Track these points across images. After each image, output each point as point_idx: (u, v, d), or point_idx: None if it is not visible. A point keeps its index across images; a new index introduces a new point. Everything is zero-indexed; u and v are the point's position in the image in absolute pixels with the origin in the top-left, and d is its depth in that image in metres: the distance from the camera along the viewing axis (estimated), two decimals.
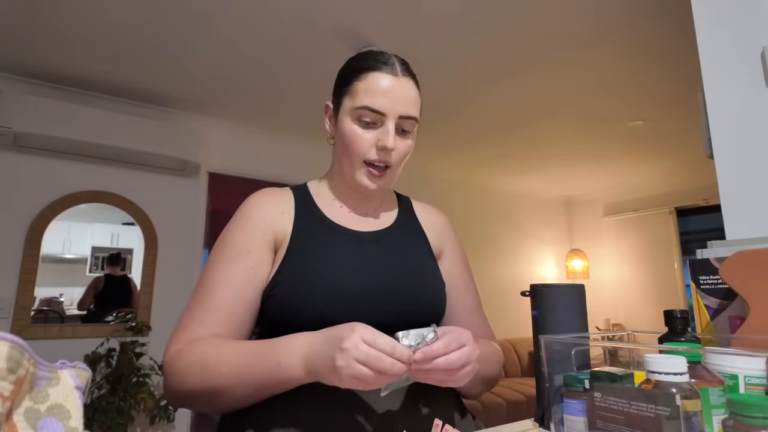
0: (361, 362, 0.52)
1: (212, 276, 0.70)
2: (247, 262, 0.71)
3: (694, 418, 0.44)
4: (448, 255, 0.87)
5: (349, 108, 0.74)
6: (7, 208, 2.41)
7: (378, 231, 0.80)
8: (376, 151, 0.73)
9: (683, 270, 4.29)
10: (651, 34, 2.09)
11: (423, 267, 0.80)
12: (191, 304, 0.70)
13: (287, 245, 0.73)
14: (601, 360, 0.69)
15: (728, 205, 0.90)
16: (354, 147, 0.73)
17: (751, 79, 0.90)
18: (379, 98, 0.72)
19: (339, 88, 0.78)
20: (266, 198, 0.77)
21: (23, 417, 0.32)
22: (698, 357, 0.53)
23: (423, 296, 0.75)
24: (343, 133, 0.75)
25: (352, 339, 0.53)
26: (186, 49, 2.21)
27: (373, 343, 0.53)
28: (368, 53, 0.78)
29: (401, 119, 0.73)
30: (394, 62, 0.75)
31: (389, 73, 0.73)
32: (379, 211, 0.84)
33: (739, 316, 0.71)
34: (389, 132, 0.72)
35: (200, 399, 0.64)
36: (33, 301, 2.43)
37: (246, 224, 0.74)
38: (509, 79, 2.54)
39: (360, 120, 0.73)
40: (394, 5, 1.89)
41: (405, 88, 0.74)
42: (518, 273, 4.79)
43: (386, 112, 0.72)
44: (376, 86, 0.72)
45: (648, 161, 4.01)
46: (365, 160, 0.74)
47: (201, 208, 3.02)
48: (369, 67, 0.74)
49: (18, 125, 2.29)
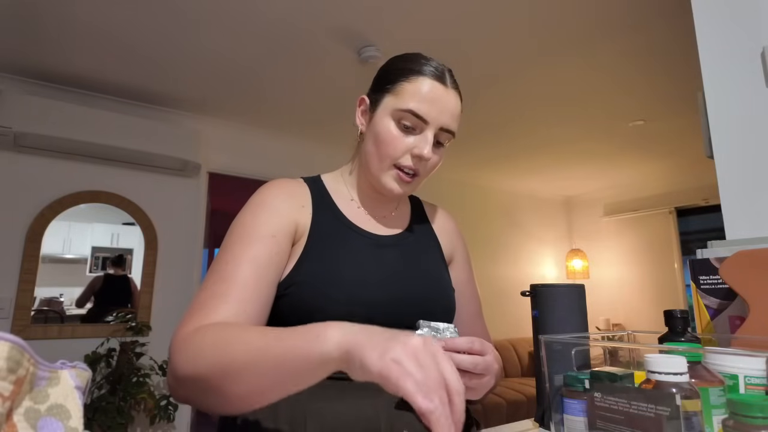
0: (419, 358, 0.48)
1: (233, 254, 0.64)
2: (271, 246, 0.66)
3: (694, 418, 0.44)
4: (459, 262, 0.87)
5: (392, 107, 0.71)
6: (7, 208, 2.41)
7: (394, 235, 0.79)
8: (411, 157, 0.71)
9: (683, 270, 4.29)
10: (651, 34, 2.09)
11: (438, 276, 0.79)
12: (208, 283, 0.63)
13: (305, 242, 0.70)
14: (601, 360, 0.69)
15: (728, 205, 0.90)
16: (388, 148, 0.71)
17: (751, 79, 0.90)
18: (426, 105, 0.69)
19: (381, 84, 0.74)
20: (285, 188, 0.74)
21: (23, 417, 0.32)
22: (698, 357, 0.53)
23: (438, 306, 0.75)
24: (379, 131, 0.72)
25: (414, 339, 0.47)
26: (186, 49, 2.21)
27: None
28: (419, 56, 0.75)
29: (441, 131, 0.72)
30: (445, 71, 0.73)
31: (440, 82, 0.71)
32: (394, 214, 0.83)
33: (739, 316, 0.71)
34: (428, 141, 0.70)
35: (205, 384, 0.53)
36: (33, 301, 2.43)
37: (267, 210, 0.69)
38: (509, 79, 2.54)
39: (400, 122, 0.71)
40: (393, 5, 1.89)
41: (451, 100, 0.72)
42: (518, 273, 4.79)
43: (430, 121, 0.70)
44: (425, 92, 0.70)
45: (648, 161, 4.02)
46: (396, 164, 0.72)
47: (201, 208, 3.02)
48: (420, 71, 0.71)
49: (18, 125, 2.30)
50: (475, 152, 3.79)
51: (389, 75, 0.74)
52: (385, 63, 0.78)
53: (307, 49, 2.22)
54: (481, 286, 0.95)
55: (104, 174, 2.69)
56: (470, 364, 0.54)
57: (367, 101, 0.77)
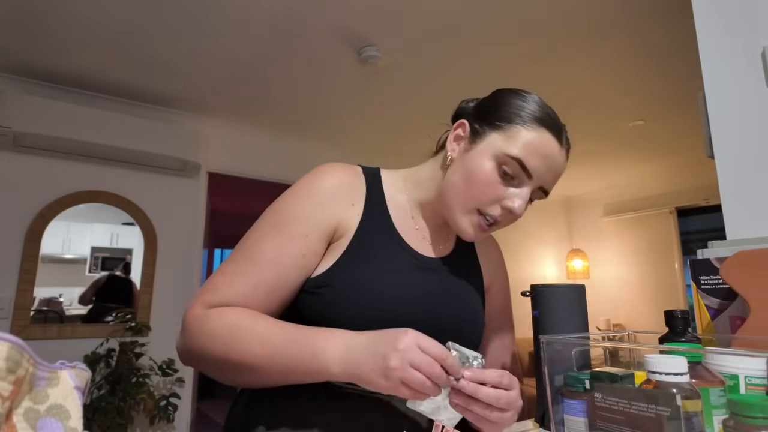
0: (415, 366, 0.50)
1: (261, 248, 0.64)
2: (300, 246, 0.64)
3: (694, 419, 0.44)
4: (496, 290, 0.85)
5: (498, 149, 0.65)
6: (7, 208, 2.41)
7: (439, 259, 0.75)
8: (500, 208, 0.66)
9: (684, 270, 4.29)
10: (651, 34, 2.09)
11: (473, 306, 0.76)
12: (229, 267, 0.64)
13: (347, 244, 0.67)
14: (602, 360, 0.69)
15: (729, 205, 0.90)
16: (480, 192, 0.65)
17: (751, 79, 0.90)
18: (538, 161, 0.64)
19: (492, 117, 0.67)
20: (339, 179, 0.69)
21: (23, 417, 0.32)
22: (699, 357, 0.53)
23: (464, 334, 0.73)
24: (475, 169, 0.65)
25: (408, 341, 0.51)
26: (186, 49, 2.21)
27: (427, 349, 0.51)
28: (542, 102, 0.69)
29: (538, 189, 0.67)
30: (563, 130, 0.68)
31: (557, 140, 0.66)
32: (446, 238, 0.79)
33: (739, 316, 0.70)
34: (524, 197, 0.65)
35: (218, 367, 0.61)
36: (32, 301, 2.43)
37: (312, 202, 0.66)
38: (509, 80, 2.54)
39: (501, 167, 0.64)
40: (394, 5, 1.89)
41: (561, 162, 0.67)
42: (518, 273, 4.79)
43: (535, 177, 0.65)
44: (541, 146, 0.64)
45: (648, 161, 4.01)
46: (480, 209, 0.66)
47: (201, 208, 3.01)
48: (543, 122, 0.65)
49: (18, 125, 2.30)
50: None
51: (505, 111, 0.67)
52: (498, 94, 0.72)
53: (308, 49, 2.22)
54: None
55: (104, 174, 2.69)
56: (493, 398, 0.53)
57: (468, 128, 0.70)
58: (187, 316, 0.62)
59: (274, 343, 0.57)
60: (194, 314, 0.62)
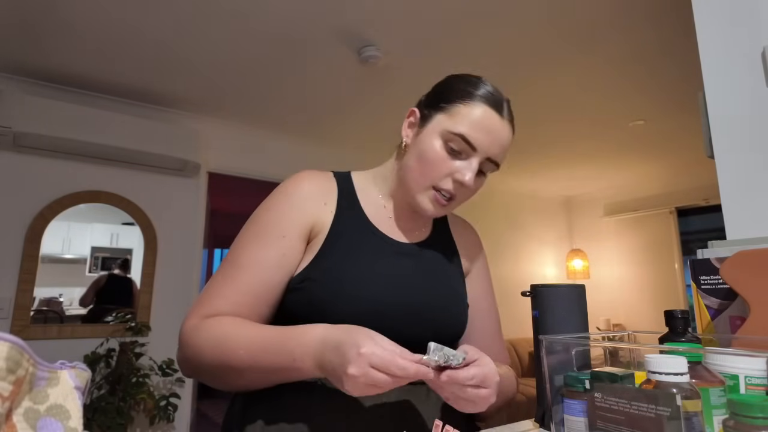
0: (375, 366, 0.51)
1: (244, 255, 0.69)
2: (279, 247, 0.69)
3: (694, 419, 0.44)
4: (476, 274, 0.86)
5: (442, 127, 0.69)
6: (7, 208, 2.41)
7: (415, 244, 0.78)
8: (451, 181, 0.70)
9: (684, 270, 4.29)
10: (651, 34, 2.09)
11: (453, 288, 0.79)
12: (217, 280, 0.69)
13: (324, 239, 0.71)
14: (602, 360, 0.69)
15: (729, 205, 0.90)
16: (431, 168, 0.70)
17: (751, 79, 0.90)
18: (479, 133, 0.68)
19: (436, 101, 0.73)
20: (311, 183, 0.74)
21: (23, 417, 0.32)
22: (699, 357, 0.53)
23: (449, 318, 0.75)
24: (425, 149, 0.70)
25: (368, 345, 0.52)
26: (186, 49, 2.21)
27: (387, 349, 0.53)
28: (481, 79, 0.73)
29: (487, 160, 0.71)
30: (503, 102, 0.71)
31: (496, 111, 0.69)
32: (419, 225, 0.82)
33: (739, 316, 0.70)
34: (472, 169, 0.69)
35: (214, 374, 0.64)
36: (32, 301, 2.43)
37: (285, 206, 0.71)
38: (510, 80, 2.54)
39: (447, 144, 0.69)
40: (394, 5, 1.89)
41: (504, 133, 0.70)
42: (518, 273, 4.79)
43: (479, 149, 0.69)
44: (480, 119, 0.68)
45: (648, 161, 4.01)
46: (435, 185, 0.71)
47: (201, 208, 3.01)
48: (479, 96, 0.69)
49: (18, 125, 2.30)
50: None
51: (446, 93, 0.72)
52: (443, 79, 0.76)
53: (308, 48, 2.22)
54: None
55: (104, 174, 2.69)
56: (464, 378, 0.54)
57: (418, 114, 0.75)
58: (183, 328, 0.66)
59: (256, 346, 0.61)
60: (189, 326, 0.65)
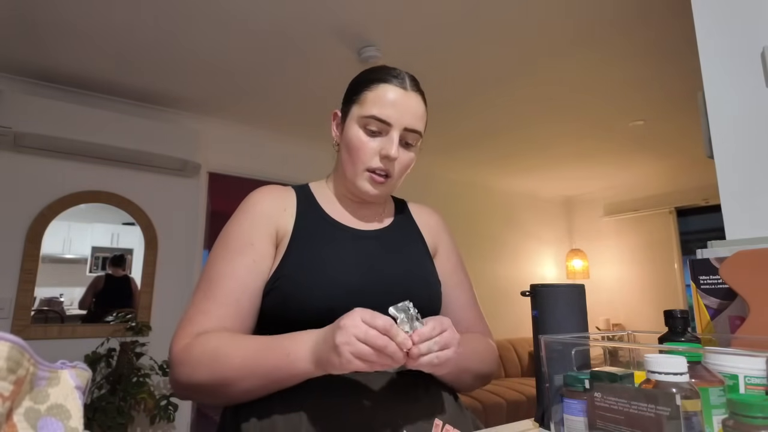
0: (361, 339, 0.54)
1: (217, 269, 0.72)
2: (250, 255, 0.72)
3: (694, 418, 0.44)
4: (443, 252, 0.90)
5: (357, 116, 0.76)
6: (7, 208, 2.41)
7: (377, 230, 0.83)
8: (380, 159, 0.76)
9: (683, 270, 4.29)
10: (651, 34, 2.09)
11: (420, 264, 0.82)
12: (196, 298, 0.71)
13: (288, 241, 0.75)
14: (601, 360, 0.69)
15: (728, 205, 0.90)
16: (358, 153, 0.76)
17: (751, 79, 0.90)
18: (387, 109, 0.74)
19: (349, 97, 0.80)
20: (269, 194, 0.79)
21: (23, 417, 0.32)
22: (698, 357, 0.53)
23: (420, 292, 0.77)
24: (349, 139, 0.77)
25: (351, 318, 0.56)
26: (186, 49, 2.21)
27: (371, 322, 0.55)
28: (381, 67, 0.80)
29: (406, 131, 0.76)
30: (404, 77, 0.78)
31: (399, 86, 0.76)
32: (378, 214, 0.86)
33: (739, 316, 0.71)
34: (393, 142, 0.75)
35: (209, 390, 0.65)
36: (33, 301, 2.43)
37: (248, 218, 0.76)
38: (510, 80, 2.54)
39: (366, 128, 0.75)
40: (394, 5, 1.89)
41: (412, 102, 0.76)
42: (518, 273, 4.79)
43: (392, 123, 0.74)
44: (385, 97, 0.75)
45: (648, 161, 4.02)
46: (368, 168, 0.76)
47: (201, 208, 3.02)
48: (380, 79, 0.77)
49: (18, 125, 2.30)
50: (475, 152, 3.79)
51: (355, 87, 0.80)
52: (353, 78, 0.83)
53: (308, 49, 2.22)
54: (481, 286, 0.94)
55: (104, 174, 2.69)
56: (429, 331, 0.58)
57: (339, 114, 0.82)
58: (173, 350, 0.67)
59: (250, 351, 0.63)
60: (180, 347, 0.66)
